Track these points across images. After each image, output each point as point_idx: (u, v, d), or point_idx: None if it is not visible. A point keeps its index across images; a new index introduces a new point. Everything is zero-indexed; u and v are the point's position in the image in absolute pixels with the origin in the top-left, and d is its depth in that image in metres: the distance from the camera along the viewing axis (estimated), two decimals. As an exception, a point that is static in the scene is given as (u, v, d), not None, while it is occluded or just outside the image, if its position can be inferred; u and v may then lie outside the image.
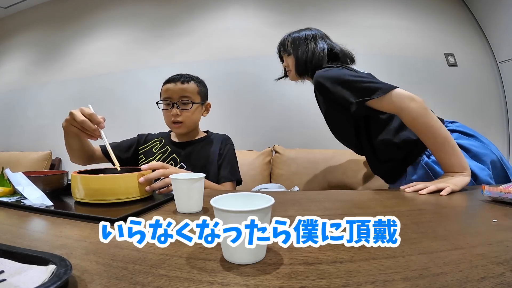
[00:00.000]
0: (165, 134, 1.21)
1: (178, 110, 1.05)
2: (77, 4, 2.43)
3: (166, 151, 1.11)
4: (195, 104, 1.08)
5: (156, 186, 0.69)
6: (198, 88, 1.10)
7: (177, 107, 1.05)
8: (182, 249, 0.36)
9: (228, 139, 1.19)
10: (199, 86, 1.10)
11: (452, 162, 0.75)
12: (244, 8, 2.09)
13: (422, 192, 0.70)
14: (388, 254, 0.35)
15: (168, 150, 1.12)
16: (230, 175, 1.08)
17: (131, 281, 0.28)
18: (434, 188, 0.70)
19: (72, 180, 0.64)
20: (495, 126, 2.02)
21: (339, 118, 0.99)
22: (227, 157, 1.11)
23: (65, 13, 2.47)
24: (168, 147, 1.12)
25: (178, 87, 1.06)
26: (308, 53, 1.03)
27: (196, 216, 0.54)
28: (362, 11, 2.04)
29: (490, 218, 0.50)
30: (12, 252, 0.30)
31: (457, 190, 0.69)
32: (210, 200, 0.34)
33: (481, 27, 2.09)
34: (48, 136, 2.24)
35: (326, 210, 0.58)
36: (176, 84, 1.06)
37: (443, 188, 0.69)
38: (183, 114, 1.06)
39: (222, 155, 1.11)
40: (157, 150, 1.13)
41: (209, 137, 1.17)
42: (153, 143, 1.17)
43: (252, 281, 0.28)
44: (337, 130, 1.06)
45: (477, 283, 0.27)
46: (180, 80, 1.07)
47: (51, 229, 0.47)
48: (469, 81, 2.01)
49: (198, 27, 2.12)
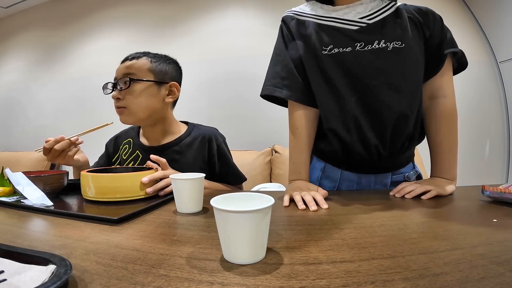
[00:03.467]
0: (134, 132, 0.99)
1: (117, 91, 0.83)
2: (77, 4, 2.43)
3: (137, 158, 0.92)
4: (141, 83, 0.82)
5: (159, 187, 0.69)
6: (151, 64, 0.84)
7: (117, 88, 0.83)
8: (182, 249, 0.36)
9: (217, 136, 0.95)
10: (153, 62, 0.85)
11: (449, 168, 0.73)
12: (244, 8, 2.09)
13: (409, 196, 0.65)
14: (388, 254, 0.35)
15: (139, 157, 0.92)
16: (235, 180, 0.96)
17: (131, 281, 0.28)
18: (421, 190, 0.66)
19: (82, 179, 0.65)
20: (495, 126, 2.02)
21: (419, 60, 0.72)
22: (222, 162, 0.94)
23: (65, 13, 2.47)
24: (139, 153, 0.92)
25: (124, 65, 0.84)
26: None
27: (196, 216, 0.54)
28: (362, 11, 2.03)
29: (490, 218, 0.50)
30: (12, 252, 0.30)
31: (444, 195, 0.66)
32: (210, 200, 0.34)
33: (481, 27, 2.09)
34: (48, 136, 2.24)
35: (326, 210, 0.58)
36: (124, 63, 0.85)
37: (429, 190, 0.65)
38: (126, 98, 0.82)
39: (213, 158, 0.92)
40: (126, 156, 0.94)
41: (188, 134, 0.93)
42: (122, 147, 0.97)
43: (252, 281, 0.28)
44: (409, 73, 0.71)
45: (477, 283, 0.27)
46: (129, 57, 0.86)
47: (51, 229, 0.47)
48: (469, 81, 2.01)
49: (198, 27, 2.12)
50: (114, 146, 1.01)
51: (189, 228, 0.47)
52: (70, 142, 0.78)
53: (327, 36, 0.70)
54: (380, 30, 0.69)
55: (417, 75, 0.71)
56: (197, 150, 0.91)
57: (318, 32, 0.71)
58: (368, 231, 0.43)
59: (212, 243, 0.38)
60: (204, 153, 0.92)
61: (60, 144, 0.76)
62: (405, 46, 0.68)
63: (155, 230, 0.46)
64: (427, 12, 0.74)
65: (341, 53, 0.69)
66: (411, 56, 0.70)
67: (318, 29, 0.72)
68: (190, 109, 1.95)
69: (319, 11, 0.74)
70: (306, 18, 0.74)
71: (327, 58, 0.70)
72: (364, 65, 0.69)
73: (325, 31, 0.71)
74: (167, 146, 0.91)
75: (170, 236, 0.42)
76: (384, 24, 0.69)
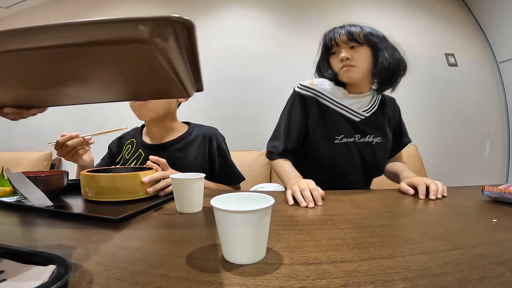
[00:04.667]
0: (137, 132, 1.02)
1: None
2: (77, 4, 2.43)
3: (140, 157, 0.94)
4: None
5: (159, 187, 0.69)
6: None
7: None
8: (182, 249, 0.36)
9: (217, 135, 0.98)
10: None
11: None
12: (244, 9, 2.09)
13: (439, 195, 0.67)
14: (388, 254, 0.35)
15: (141, 155, 0.94)
16: (234, 178, 0.97)
17: (131, 281, 0.28)
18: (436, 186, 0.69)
19: (82, 179, 0.65)
20: (495, 126, 2.02)
21: (388, 149, 0.94)
22: (222, 160, 0.96)
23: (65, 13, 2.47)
24: (141, 152, 0.95)
25: None
26: (395, 55, 0.82)
27: (196, 216, 0.54)
28: (362, 11, 2.03)
29: (490, 218, 0.50)
30: (12, 252, 0.30)
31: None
32: (210, 200, 0.34)
33: (481, 27, 2.09)
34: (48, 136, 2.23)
35: (326, 210, 0.58)
36: None
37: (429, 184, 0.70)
38: None
39: (213, 156, 0.94)
40: (129, 156, 0.96)
41: (190, 133, 0.96)
42: (125, 147, 1.00)
43: (252, 281, 0.28)
44: (383, 157, 0.93)
45: (477, 283, 0.27)
46: None
47: (51, 229, 0.47)
48: (469, 81, 2.01)
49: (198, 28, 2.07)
50: (117, 146, 1.03)
51: (189, 228, 0.47)
52: (83, 141, 0.78)
53: (339, 125, 0.86)
54: (371, 124, 0.87)
55: (386, 159, 0.95)
56: (198, 148, 0.93)
57: (333, 119, 0.86)
58: (368, 231, 0.43)
59: (212, 243, 0.38)
60: (205, 151, 0.94)
61: (73, 141, 0.77)
62: (383, 140, 0.89)
63: (155, 230, 0.46)
64: (395, 106, 0.96)
65: (346, 143, 0.86)
66: (387, 149, 0.91)
67: (335, 117, 0.87)
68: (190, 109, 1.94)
69: (337, 94, 0.87)
70: (326, 103, 0.87)
71: (338, 145, 0.86)
72: (361, 155, 0.87)
73: (339, 119, 0.87)
74: (169, 144, 0.93)
75: (170, 236, 0.42)
76: (373, 119, 0.88)
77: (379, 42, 0.81)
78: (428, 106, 1.95)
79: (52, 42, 0.23)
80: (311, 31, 2.01)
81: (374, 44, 0.80)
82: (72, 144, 0.77)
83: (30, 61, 0.29)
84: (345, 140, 0.86)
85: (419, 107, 1.92)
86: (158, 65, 0.29)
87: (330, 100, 0.87)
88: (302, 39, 1.97)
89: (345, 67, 0.81)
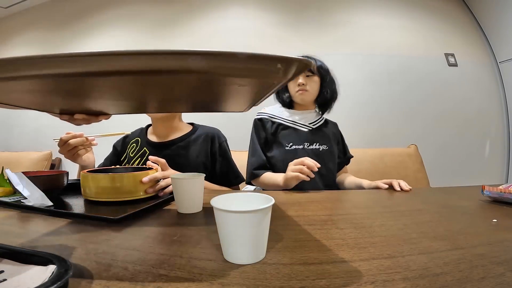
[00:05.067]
0: (142, 132, 1.06)
1: None
2: (77, 4, 2.43)
3: (144, 154, 0.97)
4: None
5: (159, 187, 0.69)
6: None
7: None
8: (182, 249, 0.36)
9: (219, 135, 1.02)
10: None
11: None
12: (244, 9, 2.09)
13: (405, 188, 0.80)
14: (388, 254, 0.35)
15: (146, 153, 0.97)
16: (234, 179, 0.99)
17: (131, 281, 0.28)
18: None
19: (82, 179, 0.65)
20: (495, 126, 2.02)
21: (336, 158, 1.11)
22: (223, 160, 0.99)
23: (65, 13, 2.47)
24: (146, 149, 0.98)
25: None
26: (333, 87, 1.06)
27: (196, 216, 0.54)
28: (362, 11, 2.03)
29: (490, 218, 0.50)
30: (12, 252, 0.30)
31: None
32: (210, 200, 0.34)
33: (481, 27, 2.09)
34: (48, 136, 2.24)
35: (326, 210, 0.58)
36: None
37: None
38: None
39: (215, 155, 0.98)
40: (134, 154, 0.99)
41: (193, 132, 1.01)
42: (130, 146, 1.03)
43: (252, 281, 0.28)
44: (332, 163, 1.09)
45: (477, 283, 0.27)
46: None
47: (51, 229, 0.47)
48: (469, 81, 2.01)
49: (199, 28, 2.12)
50: (122, 145, 1.06)
51: (189, 228, 0.47)
52: (85, 141, 0.79)
53: (288, 135, 1.04)
54: (317, 135, 1.05)
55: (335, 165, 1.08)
56: (200, 146, 0.98)
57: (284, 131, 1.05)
58: (368, 231, 0.43)
59: (212, 243, 0.38)
60: (207, 150, 0.98)
61: (75, 140, 0.77)
62: (329, 148, 1.05)
63: (155, 230, 0.46)
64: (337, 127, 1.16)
65: (296, 149, 1.01)
66: (334, 156, 1.07)
67: (285, 130, 1.05)
68: (190, 109, 1.95)
69: (285, 114, 1.08)
70: (278, 120, 1.07)
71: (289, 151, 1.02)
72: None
73: (289, 131, 1.05)
74: (173, 142, 0.98)
75: (170, 236, 0.42)
76: (319, 131, 1.07)
77: (326, 75, 1.04)
78: (428, 106, 1.95)
79: (194, 67, 0.27)
80: (311, 31, 2.02)
81: (323, 75, 1.03)
82: (74, 143, 0.77)
83: (146, 83, 0.33)
84: (294, 147, 1.01)
85: (419, 107, 1.92)
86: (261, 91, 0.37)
87: (280, 118, 1.07)
88: (302, 39, 1.98)
89: (300, 91, 1.02)
